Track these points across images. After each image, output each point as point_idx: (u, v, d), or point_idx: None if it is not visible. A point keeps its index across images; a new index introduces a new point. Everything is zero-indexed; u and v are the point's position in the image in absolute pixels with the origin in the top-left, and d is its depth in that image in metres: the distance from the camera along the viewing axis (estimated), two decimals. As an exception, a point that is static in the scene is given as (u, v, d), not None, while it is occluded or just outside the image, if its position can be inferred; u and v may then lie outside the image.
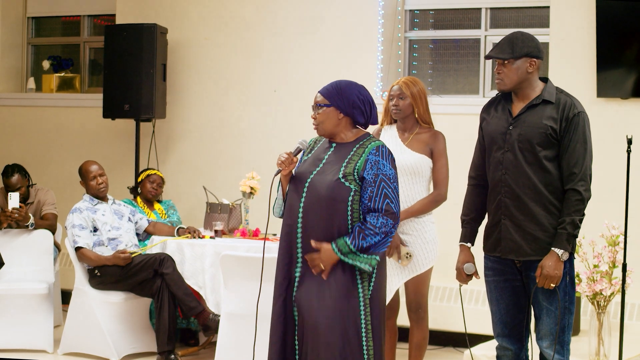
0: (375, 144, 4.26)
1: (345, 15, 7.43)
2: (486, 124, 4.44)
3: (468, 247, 4.51)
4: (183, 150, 8.06)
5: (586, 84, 6.56)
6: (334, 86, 4.31)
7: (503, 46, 4.31)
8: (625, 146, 4.94)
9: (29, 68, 9.06)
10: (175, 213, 7.33)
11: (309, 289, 4.23)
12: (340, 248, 4.14)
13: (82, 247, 6.56)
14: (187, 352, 6.80)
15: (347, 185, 4.20)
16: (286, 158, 4.30)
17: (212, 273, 6.45)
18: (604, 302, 5.39)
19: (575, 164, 4.22)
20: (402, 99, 5.30)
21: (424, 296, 5.38)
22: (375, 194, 4.18)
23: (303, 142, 4.40)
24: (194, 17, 7.98)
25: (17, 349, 6.75)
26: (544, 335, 4.33)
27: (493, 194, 4.37)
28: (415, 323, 5.39)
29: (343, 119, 4.29)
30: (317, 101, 4.31)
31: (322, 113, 4.29)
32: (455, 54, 7.52)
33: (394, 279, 5.30)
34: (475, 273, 4.51)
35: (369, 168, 4.20)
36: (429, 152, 5.29)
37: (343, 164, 4.24)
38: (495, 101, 4.47)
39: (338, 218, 4.20)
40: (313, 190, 4.24)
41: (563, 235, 4.20)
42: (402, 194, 5.26)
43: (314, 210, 4.23)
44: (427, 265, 5.29)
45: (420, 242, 5.28)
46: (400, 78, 5.42)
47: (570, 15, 6.70)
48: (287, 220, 4.33)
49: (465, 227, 4.52)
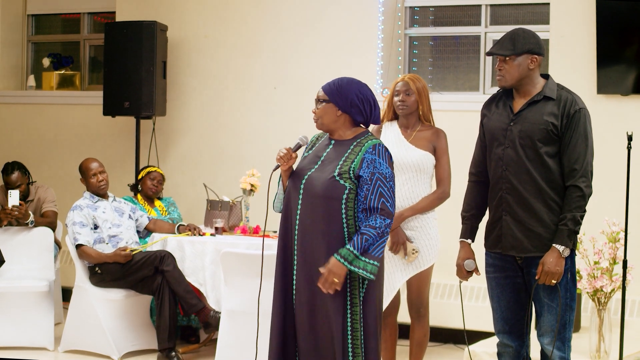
0: (372, 142, 4.27)
1: (345, 13, 7.43)
2: (487, 120, 4.44)
3: (468, 244, 4.51)
4: (183, 147, 8.06)
5: (586, 80, 6.56)
6: (335, 83, 4.32)
7: (504, 43, 4.31)
8: (625, 143, 4.94)
9: (29, 66, 9.05)
10: (175, 210, 7.33)
11: (305, 288, 4.24)
12: (345, 257, 4.14)
13: (82, 245, 6.56)
14: (187, 350, 6.80)
15: (342, 184, 4.20)
16: (285, 153, 4.31)
17: (212, 270, 6.45)
18: (604, 298, 5.39)
19: (577, 160, 4.22)
20: (409, 95, 5.30)
21: (426, 293, 5.40)
22: (370, 192, 4.18)
23: (303, 138, 4.41)
24: (194, 14, 7.98)
25: (18, 347, 6.75)
26: (545, 332, 4.33)
27: (494, 190, 4.37)
28: (417, 320, 5.40)
29: (341, 116, 4.31)
30: (319, 96, 4.33)
31: (321, 108, 4.31)
32: (455, 51, 7.51)
33: (397, 275, 5.31)
34: (476, 269, 4.51)
35: (365, 167, 4.21)
36: (432, 150, 5.30)
37: (340, 162, 4.25)
38: (496, 98, 4.47)
39: (333, 216, 4.20)
40: (309, 188, 4.26)
41: (564, 231, 4.20)
42: (406, 191, 5.28)
43: (310, 207, 4.24)
44: (430, 261, 5.31)
45: (424, 238, 5.29)
46: (404, 75, 5.42)
47: (571, 12, 6.69)
48: (285, 217, 4.34)
49: (465, 224, 4.52)
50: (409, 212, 5.25)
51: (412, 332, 5.42)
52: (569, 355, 4.35)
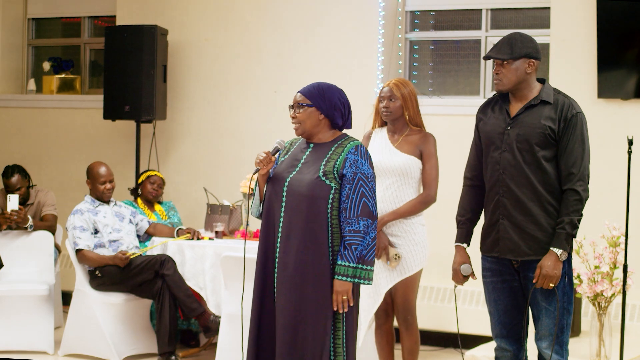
0: (354, 144, 4.32)
1: (345, 17, 7.43)
2: (483, 125, 4.45)
3: (464, 248, 4.51)
4: (183, 151, 8.06)
5: (587, 84, 6.55)
6: (315, 87, 4.38)
7: (502, 47, 4.32)
8: (626, 147, 4.94)
9: (30, 69, 9.06)
10: (175, 214, 7.33)
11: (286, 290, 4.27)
12: (343, 273, 4.19)
13: (82, 249, 6.55)
14: (187, 354, 6.80)
15: (328, 184, 4.25)
16: (264, 157, 4.35)
17: (212, 274, 6.45)
18: (604, 303, 5.38)
19: (574, 164, 4.23)
20: (393, 101, 5.27)
21: (412, 301, 5.32)
22: (352, 191, 4.22)
23: (281, 142, 4.47)
24: (194, 18, 7.98)
25: (18, 350, 6.75)
26: (542, 336, 4.33)
27: (491, 194, 4.37)
28: (405, 329, 5.34)
29: (323, 120, 4.36)
30: (298, 100, 4.38)
31: (303, 113, 4.36)
32: (455, 55, 7.51)
33: (382, 282, 5.27)
34: (472, 274, 4.52)
35: (348, 166, 4.25)
36: (419, 154, 5.26)
37: (322, 163, 4.29)
38: (492, 102, 4.47)
39: (318, 217, 4.24)
40: (293, 190, 4.29)
41: (562, 235, 4.21)
42: (391, 196, 5.25)
43: (295, 210, 4.27)
44: (415, 267, 5.25)
45: (408, 244, 5.24)
46: (391, 79, 5.38)
47: (571, 16, 6.69)
48: (267, 221, 4.36)
49: (461, 228, 4.52)
50: (390, 217, 5.21)
51: (402, 341, 5.36)
52: (566, 358, 4.35)
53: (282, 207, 4.30)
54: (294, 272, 4.25)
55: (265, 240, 4.36)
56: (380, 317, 5.40)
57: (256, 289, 4.37)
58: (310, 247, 4.23)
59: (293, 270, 4.25)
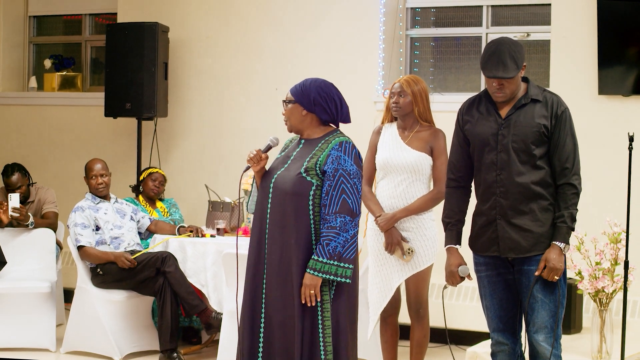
0: (339, 140, 4.32)
1: (346, 14, 7.43)
2: (471, 126, 4.42)
3: (457, 249, 4.52)
4: (185, 148, 8.07)
5: (588, 81, 6.55)
6: (300, 83, 4.41)
7: (508, 64, 4.23)
8: (626, 143, 4.94)
9: (31, 67, 9.06)
10: (177, 211, 7.33)
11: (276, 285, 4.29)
12: (314, 267, 4.20)
13: (84, 246, 6.56)
14: (189, 351, 6.81)
15: (309, 180, 4.26)
16: (254, 155, 4.37)
17: (214, 271, 6.46)
18: (606, 299, 5.38)
19: (567, 159, 4.28)
20: (402, 97, 5.31)
21: (424, 294, 5.40)
22: (332, 188, 4.23)
23: (274, 139, 4.49)
24: (195, 15, 7.98)
25: (20, 348, 6.76)
26: (539, 328, 4.34)
27: (486, 194, 4.38)
28: (416, 321, 5.41)
29: (307, 116, 4.37)
30: (287, 97, 4.41)
31: (288, 109, 4.40)
32: (456, 52, 7.52)
33: (394, 276, 5.32)
34: (469, 275, 4.53)
35: (330, 162, 4.26)
36: (429, 150, 5.30)
37: (306, 159, 4.30)
38: (476, 101, 4.46)
39: (300, 212, 4.25)
40: (278, 187, 4.32)
41: (563, 228, 4.26)
42: (402, 192, 5.29)
43: (280, 205, 4.29)
44: (427, 262, 5.31)
45: (420, 239, 5.30)
46: (403, 76, 5.44)
47: (572, 13, 6.69)
48: (257, 218, 4.39)
49: (451, 230, 4.52)
50: (401, 213, 5.26)
51: (412, 333, 5.43)
52: (560, 352, 4.39)
53: (269, 203, 4.32)
54: (279, 268, 4.29)
55: (256, 236, 4.39)
56: (387, 310, 5.42)
57: (247, 284, 4.40)
58: (293, 243, 4.25)
59: (278, 267, 4.29)
